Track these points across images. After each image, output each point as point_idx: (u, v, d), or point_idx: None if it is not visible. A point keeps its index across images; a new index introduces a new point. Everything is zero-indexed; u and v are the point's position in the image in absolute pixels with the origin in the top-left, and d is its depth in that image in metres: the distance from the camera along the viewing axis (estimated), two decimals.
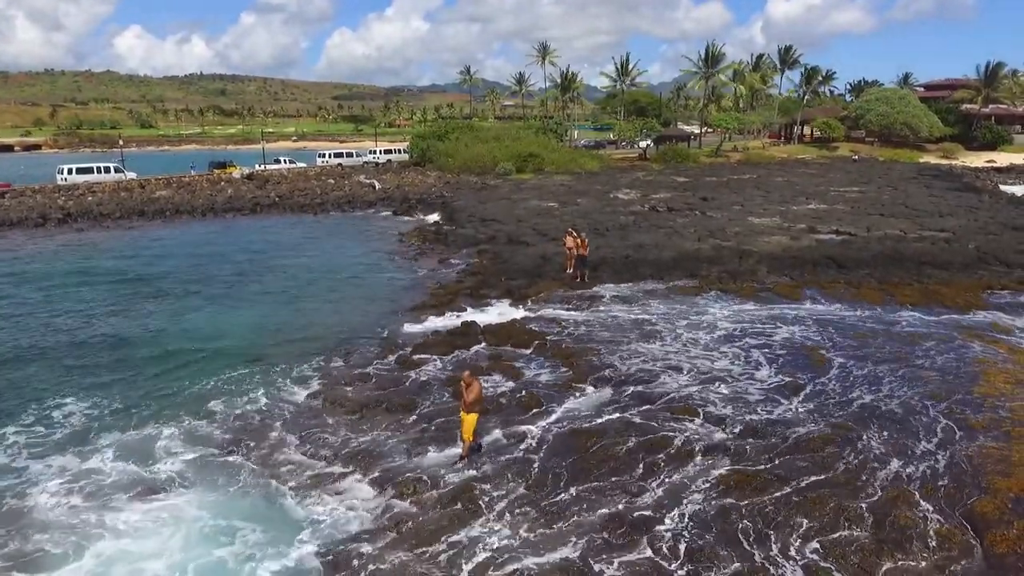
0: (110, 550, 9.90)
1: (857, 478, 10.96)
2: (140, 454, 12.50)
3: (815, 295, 21.70)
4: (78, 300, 23.22)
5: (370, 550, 9.79)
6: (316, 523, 10.50)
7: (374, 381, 15.71)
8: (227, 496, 11.23)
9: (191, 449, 12.69)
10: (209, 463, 12.22)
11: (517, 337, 17.99)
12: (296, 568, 9.52)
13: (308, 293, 23.95)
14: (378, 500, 11.11)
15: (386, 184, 54.97)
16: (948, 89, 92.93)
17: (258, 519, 10.55)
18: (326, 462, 12.29)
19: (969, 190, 48.63)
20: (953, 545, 9.40)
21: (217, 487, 11.48)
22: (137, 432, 13.38)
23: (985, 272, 24.16)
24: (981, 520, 9.82)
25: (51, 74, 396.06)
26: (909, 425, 12.64)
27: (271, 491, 11.37)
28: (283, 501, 11.09)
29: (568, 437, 12.62)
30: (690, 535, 9.78)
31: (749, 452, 11.88)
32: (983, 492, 10.45)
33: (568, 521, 10.23)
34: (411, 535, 10.08)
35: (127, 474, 11.87)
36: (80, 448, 12.76)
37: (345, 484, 11.61)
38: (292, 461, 12.35)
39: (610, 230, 31.89)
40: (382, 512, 10.74)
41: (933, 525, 9.79)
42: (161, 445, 12.82)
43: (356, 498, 11.21)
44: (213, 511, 10.76)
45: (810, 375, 15.17)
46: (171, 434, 13.22)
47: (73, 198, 47.12)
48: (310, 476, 11.86)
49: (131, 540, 10.13)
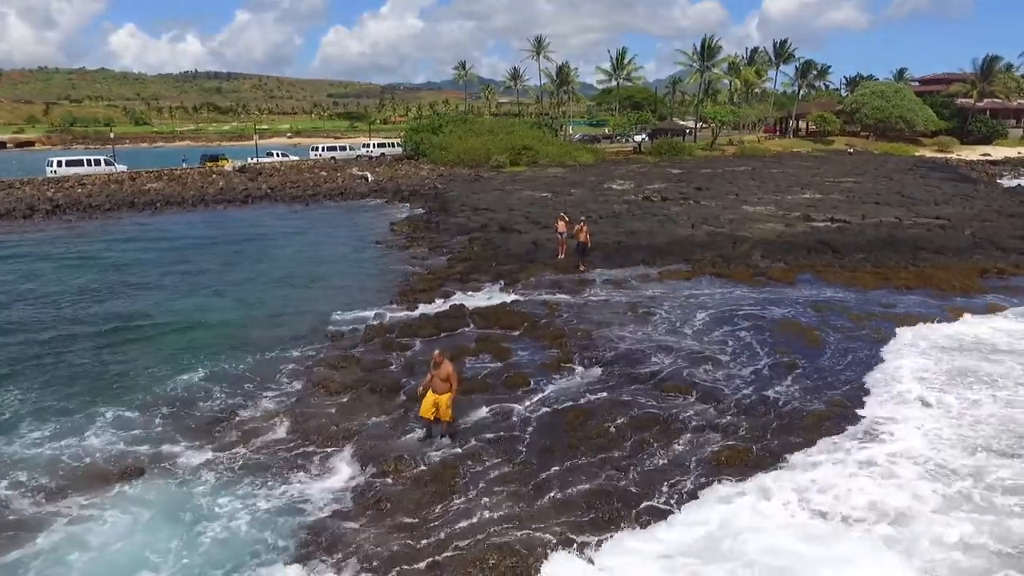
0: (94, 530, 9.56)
1: (850, 455, 10.64)
2: (124, 434, 12.14)
3: (809, 278, 21.46)
4: (59, 285, 22.80)
5: (353, 526, 9.47)
6: (298, 500, 10.16)
7: (360, 363, 15.34)
8: (210, 475, 10.86)
9: (174, 429, 12.32)
10: (192, 443, 11.84)
11: (506, 319, 17.65)
12: (276, 545, 9.18)
13: (295, 280, 23.59)
14: (360, 478, 10.77)
15: (379, 176, 54.61)
16: (943, 83, 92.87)
17: (240, 497, 10.21)
18: (309, 441, 11.93)
19: (965, 180, 48.49)
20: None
21: (199, 466, 11.11)
22: (124, 412, 12.99)
23: (981, 256, 23.92)
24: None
25: (45, 72, 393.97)
26: (907, 407, 12.33)
27: (253, 469, 11.01)
28: (265, 479, 10.74)
29: (555, 415, 12.31)
30: (680, 510, 9.45)
31: (741, 429, 11.57)
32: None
33: (554, 497, 9.90)
34: (393, 511, 9.75)
35: (110, 453, 11.50)
36: (71, 428, 12.39)
37: (328, 463, 11.26)
38: (275, 440, 11.99)
39: (603, 217, 31.58)
40: (364, 489, 10.39)
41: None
42: (143, 425, 12.45)
43: (339, 476, 10.88)
44: (193, 489, 10.42)
45: (804, 354, 14.88)
46: (154, 414, 12.86)
47: (63, 190, 46.62)
48: (293, 455, 11.51)
49: (120, 514, 9.81)
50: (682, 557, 8.41)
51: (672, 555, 8.45)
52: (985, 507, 9.21)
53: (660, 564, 8.32)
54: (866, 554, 8.26)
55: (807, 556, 8.21)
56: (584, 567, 8.40)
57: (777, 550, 8.32)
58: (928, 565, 8.10)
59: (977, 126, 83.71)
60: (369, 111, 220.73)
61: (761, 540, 8.52)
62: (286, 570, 8.65)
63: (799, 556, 8.23)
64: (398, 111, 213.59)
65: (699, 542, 8.66)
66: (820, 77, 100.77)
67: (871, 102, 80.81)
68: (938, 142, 79.28)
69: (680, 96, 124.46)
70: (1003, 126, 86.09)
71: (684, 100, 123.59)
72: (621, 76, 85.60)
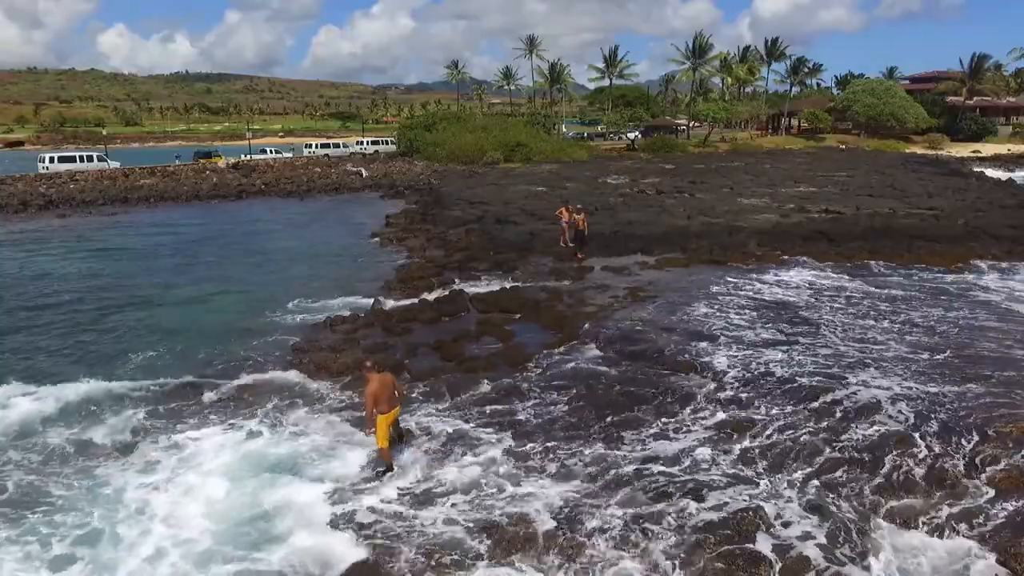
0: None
1: (855, 424, 10.71)
2: (128, 419, 12.11)
3: (806, 262, 21.61)
4: (54, 278, 22.72)
5: (352, 495, 9.49)
6: (302, 475, 10.14)
7: (360, 347, 15.33)
8: (212, 456, 10.83)
9: (177, 410, 12.32)
10: (196, 424, 11.82)
11: (506, 304, 17.67)
12: (272, 512, 9.20)
13: (292, 270, 23.53)
14: (362, 452, 10.79)
15: (373, 172, 54.57)
16: (933, 81, 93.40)
17: (244, 476, 10.18)
18: (312, 420, 11.95)
19: (956, 175, 48.81)
20: (955, 485, 9.19)
21: (204, 449, 11.07)
22: (129, 392, 12.96)
23: (975, 244, 24.10)
24: (982, 461, 9.62)
25: (34, 72, 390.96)
26: (905, 374, 12.43)
27: (257, 448, 11.00)
28: (269, 455, 10.73)
29: (559, 391, 12.36)
30: (684, 477, 9.52)
31: (745, 401, 11.65)
32: (983, 435, 10.24)
33: (556, 469, 9.95)
34: (395, 481, 9.78)
35: (119, 433, 11.51)
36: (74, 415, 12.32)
37: (328, 439, 11.27)
38: (278, 420, 11.97)
39: (599, 209, 31.62)
40: (367, 462, 10.41)
41: (934, 466, 9.55)
42: (145, 408, 12.43)
43: (340, 451, 10.88)
44: (196, 470, 10.40)
45: (804, 331, 14.97)
46: (154, 396, 12.83)
47: (55, 186, 46.42)
48: (295, 433, 11.51)
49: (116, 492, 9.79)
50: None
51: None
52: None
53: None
54: None
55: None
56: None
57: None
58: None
59: (967, 124, 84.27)
60: (361, 111, 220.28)
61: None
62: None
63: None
64: (390, 111, 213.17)
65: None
66: (812, 75, 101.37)
67: (862, 99, 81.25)
68: (928, 139, 79.74)
69: (673, 94, 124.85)
70: (992, 124, 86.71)
71: (677, 99, 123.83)
72: (614, 74, 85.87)
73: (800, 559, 7.75)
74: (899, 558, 7.95)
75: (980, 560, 7.83)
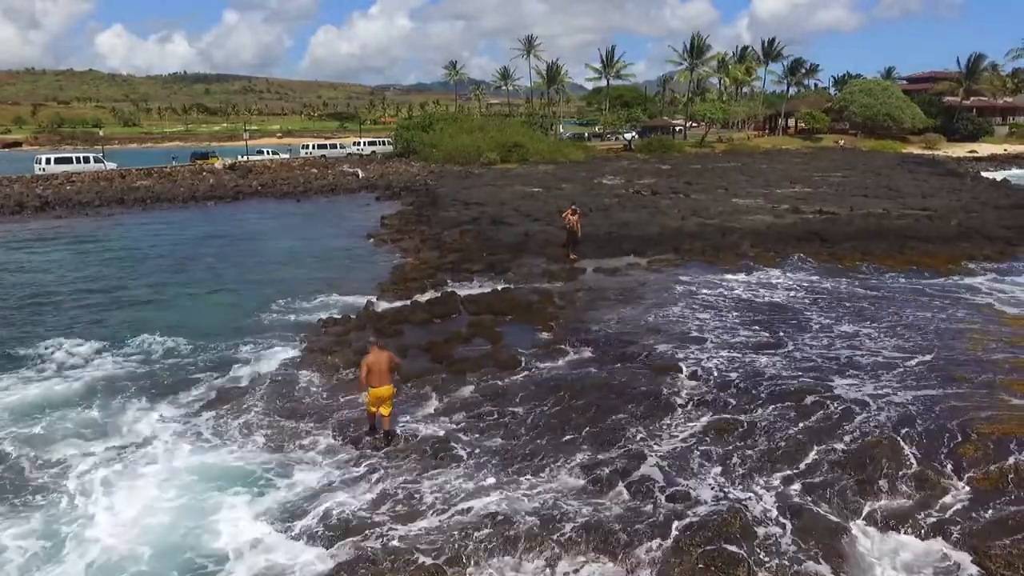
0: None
1: (839, 426, 10.77)
2: (117, 415, 12.23)
3: (797, 263, 21.70)
4: (47, 278, 22.78)
5: (343, 498, 9.55)
6: (290, 474, 10.25)
7: (352, 348, 15.39)
8: (204, 453, 10.92)
9: (169, 411, 12.44)
10: (187, 425, 11.90)
11: (498, 305, 17.73)
12: (260, 511, 9.28)
13: (286, 271, 23.63)
14: (352, 453, 10.88)
15: (370, 173, 54.65)
16: (930, 82, 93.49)
17: (234, 475, 10.27)
18: (303, 419, 12.04)
19: (952, 175, 48.93)
20: (934, 486, 9.25)
21: (194, 447, 11.16)
22: (115, 392, 13.08)
23: (968, 244, 24.20)
24: (962, 462, 9.68)
25: (32, 73, 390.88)
26: (890, 376, 12.50)
27: (248, 448, 11.10)
28: (259, 456, 10.82)
29: (546, 392, 12.40)
30: (668, 478, 9.59)
31: (730, 403, 11.70)
32: (964, 437, 10.30)
33: (544, 470, 10.02)
34: (383, 482, 9.85)
35: (109, 430, 11.63)
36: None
37: (320, 439, 11.36)
38: (270, 420, 12.05)
39: (593, 210, 31.69)
40: (355, 463, 10.50)
41: (915, 467, 9.61)
42: (140, 408, 12.54)
43: (330, 452, 10.98)
44: (189, 467, 10.49)
45: (791, 333, 15.04)
46: (151, 396, 12.96)
47: (51, 187, 46.44)
48: (286, 432, 11.59)
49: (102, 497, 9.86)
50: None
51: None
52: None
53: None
54: None
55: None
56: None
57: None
58: None
59: (963, 124, 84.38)
60: (360, 111, 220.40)
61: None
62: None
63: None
64: (388, 111, 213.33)
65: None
66: (809, 75, 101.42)
67: (859, 99, 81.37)
68: (925, 139, 79.85)
69: (670, 95, 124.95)
70: (989, 124, 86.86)
71: (674, 99, 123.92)
72: (611, 74, 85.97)
73: (780, 561, 7.82)
74: (879, 559, 8.03)
75: (957, 560, 7.90)
